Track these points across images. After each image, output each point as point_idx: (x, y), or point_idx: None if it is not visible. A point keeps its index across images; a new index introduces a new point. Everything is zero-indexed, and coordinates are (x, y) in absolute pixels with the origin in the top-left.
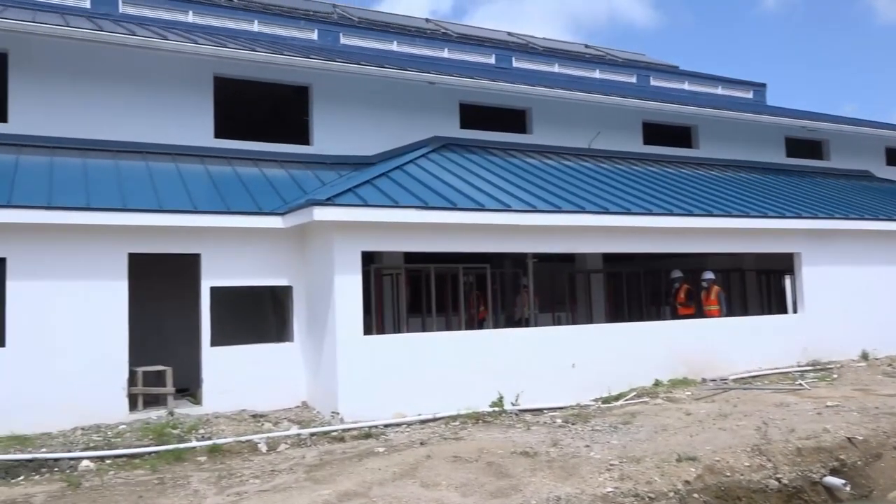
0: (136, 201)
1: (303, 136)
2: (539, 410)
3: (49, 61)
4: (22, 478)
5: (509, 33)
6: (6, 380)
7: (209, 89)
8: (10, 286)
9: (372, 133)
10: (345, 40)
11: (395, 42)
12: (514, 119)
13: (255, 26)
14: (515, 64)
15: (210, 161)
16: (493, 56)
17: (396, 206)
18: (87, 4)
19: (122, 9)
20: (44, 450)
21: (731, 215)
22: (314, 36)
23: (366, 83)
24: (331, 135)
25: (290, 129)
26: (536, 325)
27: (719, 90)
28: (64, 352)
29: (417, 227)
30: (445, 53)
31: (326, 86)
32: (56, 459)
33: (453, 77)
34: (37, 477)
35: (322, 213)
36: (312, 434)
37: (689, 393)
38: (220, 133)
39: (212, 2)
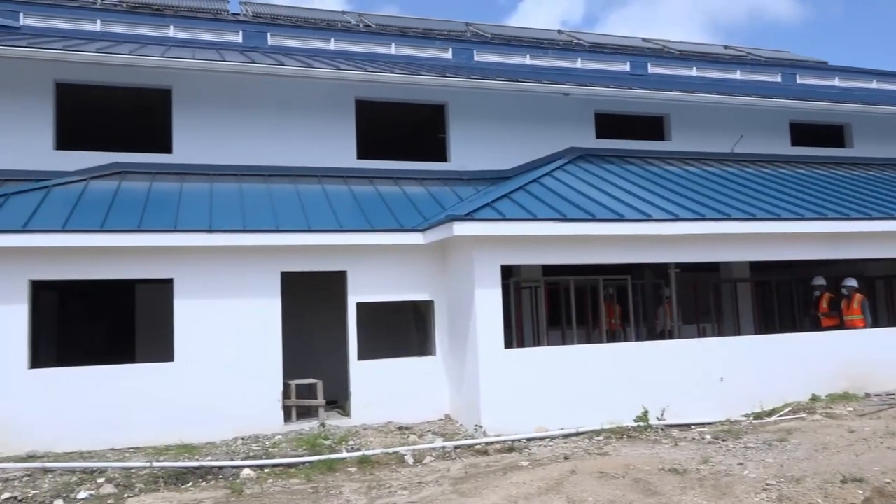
0: (287, 222)
1: (440, 154)
2: (686, 426)
3: (207, 95)
4: (190, 484)
5: (644, 39)
6: (175, 392)
7: (351, 112)
8: (177, 304)
9: (507, 147)
10: (479, 57)
11: (527, 55)
12: (651, 126)
13: (393, 49)
14: (651, 70)
15: (353, 181)
16: (628, 63)
17: (534, 219)
18: (240, 39)
19: (271, 41)
20: (209, 458)
21: (893, 217)
22: (449, 55)
23: (500, 98)
24: (467, 151)
25: (427, 147)
26: (679, 337)
27: (874, 84)
28: (225, 366)
29: (556, 240)
30: (579, 64)
31: (462, 103)
32: (220, 467)
33: (588, 87)
34: (203, 483)
35: (461, 228)
36: (457, 447)
37: (850, 409)
38: (361, 154)
39: (352, 29)
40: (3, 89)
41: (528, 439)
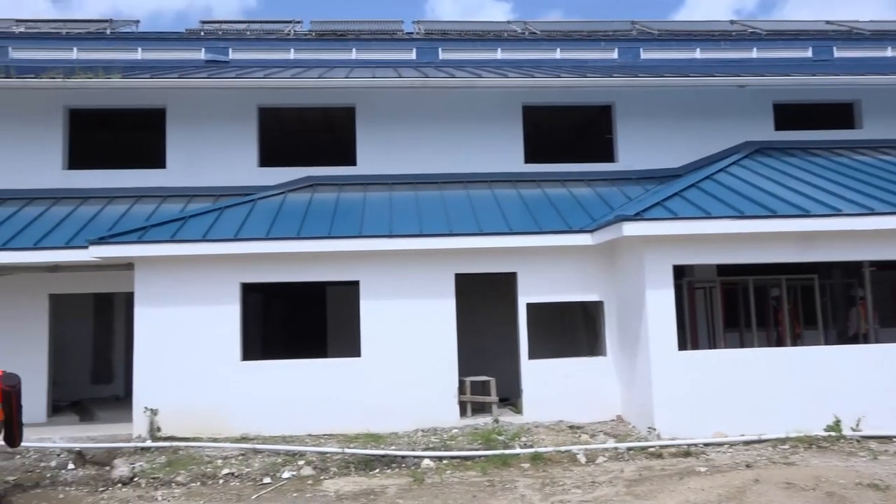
0: (459, 226)
1: (607, 154)
2: (888, 438)
3: (386, 110)
4: (377, 470)
5: (827, 21)
6: (362, 385)
7: (518, 118)
8: (363, 305)
9: (677, 145)
10: (645, 55)
11: (697, 49)
12: (837, 115)
13: (558, 53)
14: (837, 54)
15: (521, 185)
16: (810, 49)
17: (708, 217)
18: (413, 55)
19: (442, 55)
20: (393, 447)
21: None
22: (614, 55)
23: (669, 95)
24: (635, 150)
25: (594, 148)
26: (876, 341)
27: None
28: (406, 362)
29: (732, 238)
30: (754, 53)
31: (629, 102)
32: (403, 457)
33: (765, 77)
34: (388, 471)
35: (631, 228)
36: (629, 448)
37: None
38: (529, 158)
39: (518, 37)
40: (216, 117)
41: (706, 444)
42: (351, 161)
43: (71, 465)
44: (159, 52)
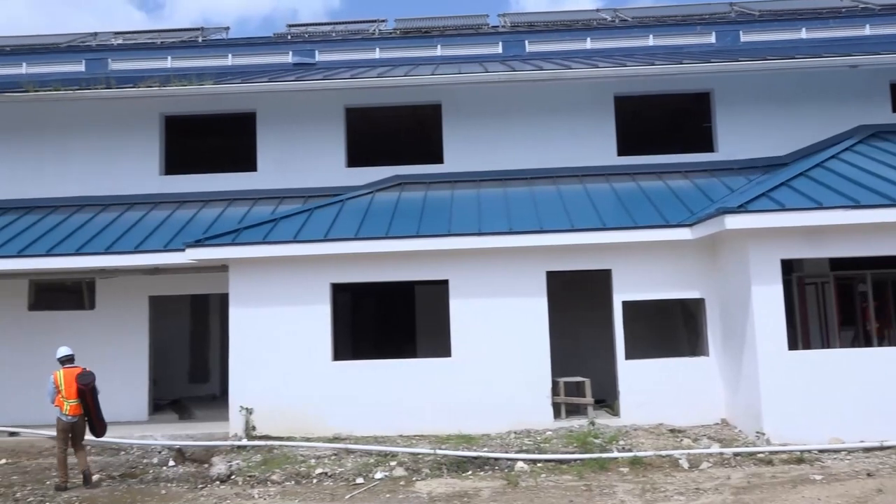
0: (550, 223)
1: (706, 144)
2: None
3: (472, 106)
4: (469, 472)
5: None
6: (453, 386)
7: (610, 109)
8: (453, 304)
9: (783, 131)
10: (745, 38)
11: (803, 29)
12: None
13: (651, 40)
14: None
15: (614, 178)
16: None
17: (819, 207)
18: (499, 49)
19: (529, 48)
20: (486, 449)
21: None
22: (712, 39)
23: (772, 79)
24: (736, 138)
25: (691, 137)
26: None
27: None
28: (497, 362)
29: (846, 230)
30: (867, 31)
31: (729, 88)
32: (496, 459)
33: (881, 55)
34: (481, 473)
35: (734, 221)
36: (736, 454)
37: None
38: (622, 150)
39: (608, 25)
40: (304, 119)
41: (820, 451)
42: (438, 159)
43: (171, 463)
44: (249, 58)
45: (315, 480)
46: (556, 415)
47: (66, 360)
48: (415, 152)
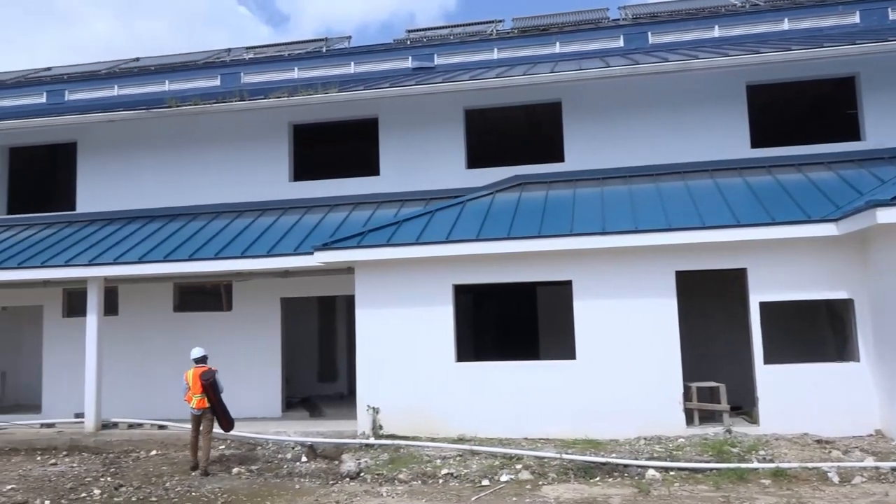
0: (679, 220)
1: (850, 132)
2: None
3: (593, 102)
4: (598, 478)
5: None
6: (578, 389)
7: (742, 99)
8: (577, 305)
9: None
10: (895, 15)
11: None
12: None
13: (786, 24)
14: None
15: (748, 172)
16: None
17: None
18: (621, 43)
19: (652, 39)
20: (614, 455)
21: None
22: (856, 19)
23: None
24: (886, 125)
25: (833, 125)
26: None
27: None
28: (624, 365)
29: None
30: None
31: (877, 71)
32: (626, 465)
33: None
34: (609, 479)
35: (887, 215)
36: (894, 469)
37: None
38: (756, 142)
39: (737, 11)
40: (424, 122)
41: None
42: (559, 157)
43: (304, 458)
44: (370, 65)
45: (441, 481)
46: (689, 421)
47: (199, 361)
48: (534, 152)
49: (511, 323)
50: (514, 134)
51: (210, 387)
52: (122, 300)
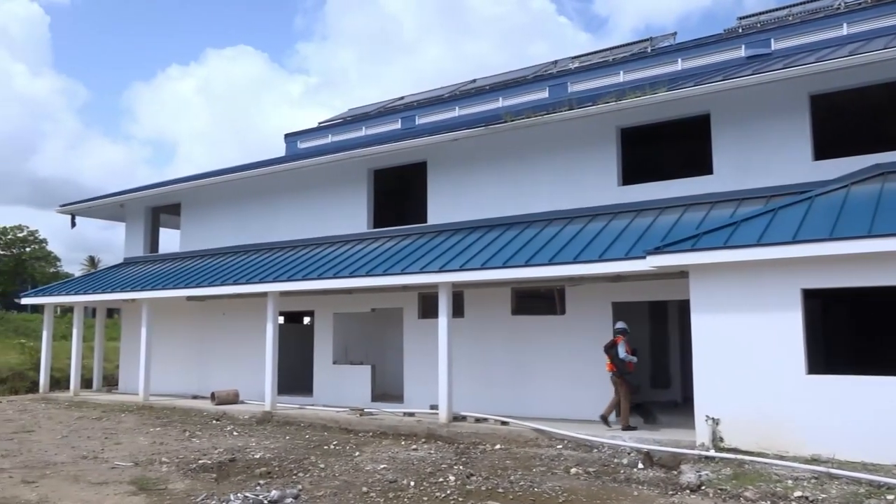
0: None
1: None
2: None
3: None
4: None
5: None
6: None
7: None
8: None
9: None
10: None
11: None
12: None
13: None
14: None
15: None
16: None
17: None
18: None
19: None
20: None
21: None
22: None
23: None
24: None
25: None
26: None
27: None
28: None
29: None
30: None
31: None
32: None
33: None
34: None
35: None
36: None
37: None
38: None
39: None
40: (762, 114)
41: None
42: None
43: (640, 465)
44: (698, 59)
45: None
46: None
47: (617, 332)
48: None
49: (871, 332)
50: (871, 118)
51: (606, 352)
52: (467, 304)
